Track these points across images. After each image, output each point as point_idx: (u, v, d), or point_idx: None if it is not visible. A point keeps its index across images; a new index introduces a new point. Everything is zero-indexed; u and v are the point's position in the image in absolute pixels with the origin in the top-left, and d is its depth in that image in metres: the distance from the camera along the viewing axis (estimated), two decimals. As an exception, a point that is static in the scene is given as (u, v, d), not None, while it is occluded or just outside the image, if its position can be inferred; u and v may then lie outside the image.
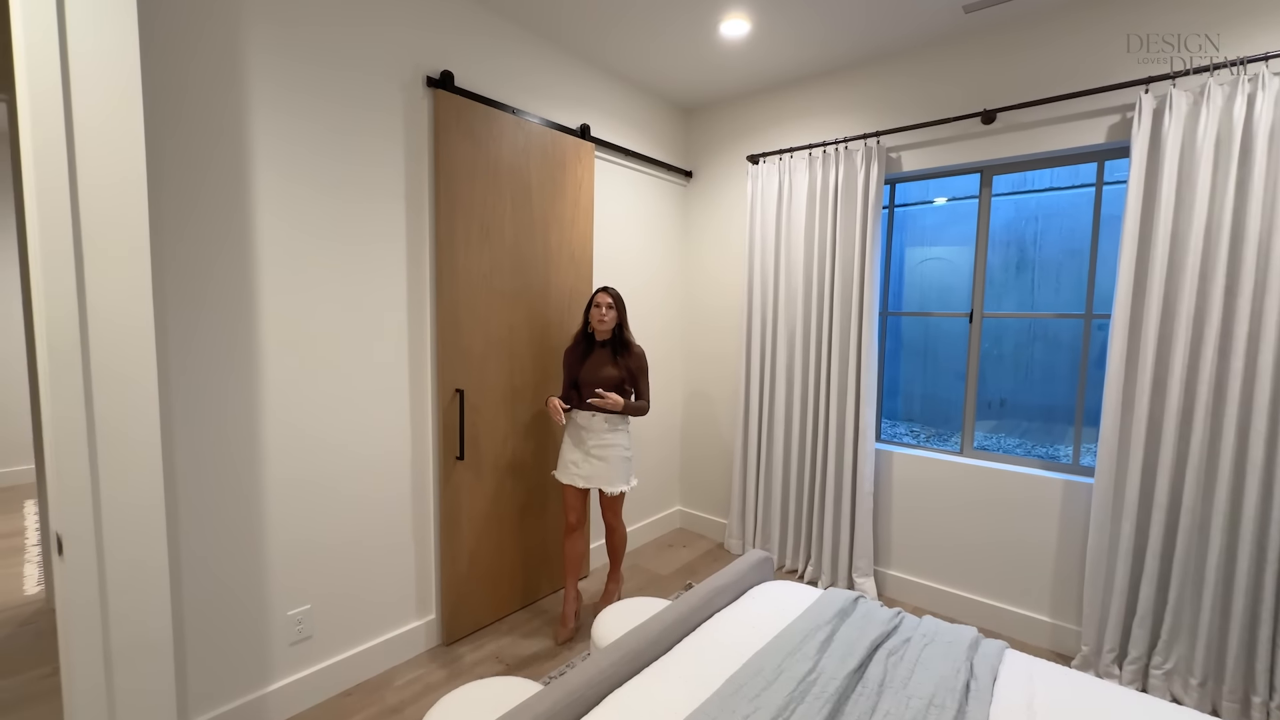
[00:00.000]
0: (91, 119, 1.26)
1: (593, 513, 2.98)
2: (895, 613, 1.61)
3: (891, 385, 3.90)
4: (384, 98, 2.05)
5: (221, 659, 1.80)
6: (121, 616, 1.38)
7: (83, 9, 1.23)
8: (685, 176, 3.48)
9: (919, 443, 3.58)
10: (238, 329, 1.76)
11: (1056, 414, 3.37)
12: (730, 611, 1.64)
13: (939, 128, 2.58)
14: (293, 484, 1.91)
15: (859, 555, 2.81)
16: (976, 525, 2.59)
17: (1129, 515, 2.14)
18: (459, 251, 2.27)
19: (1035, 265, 3.36)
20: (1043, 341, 3.44)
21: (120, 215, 1.30)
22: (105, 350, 1.31)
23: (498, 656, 2.30)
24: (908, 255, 3.66)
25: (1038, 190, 3.34)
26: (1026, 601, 2.47)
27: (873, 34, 2.52)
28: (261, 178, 1.78)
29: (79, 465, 1.31)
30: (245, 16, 1.72)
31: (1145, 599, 2.12)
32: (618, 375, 2.34)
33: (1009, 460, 2.60)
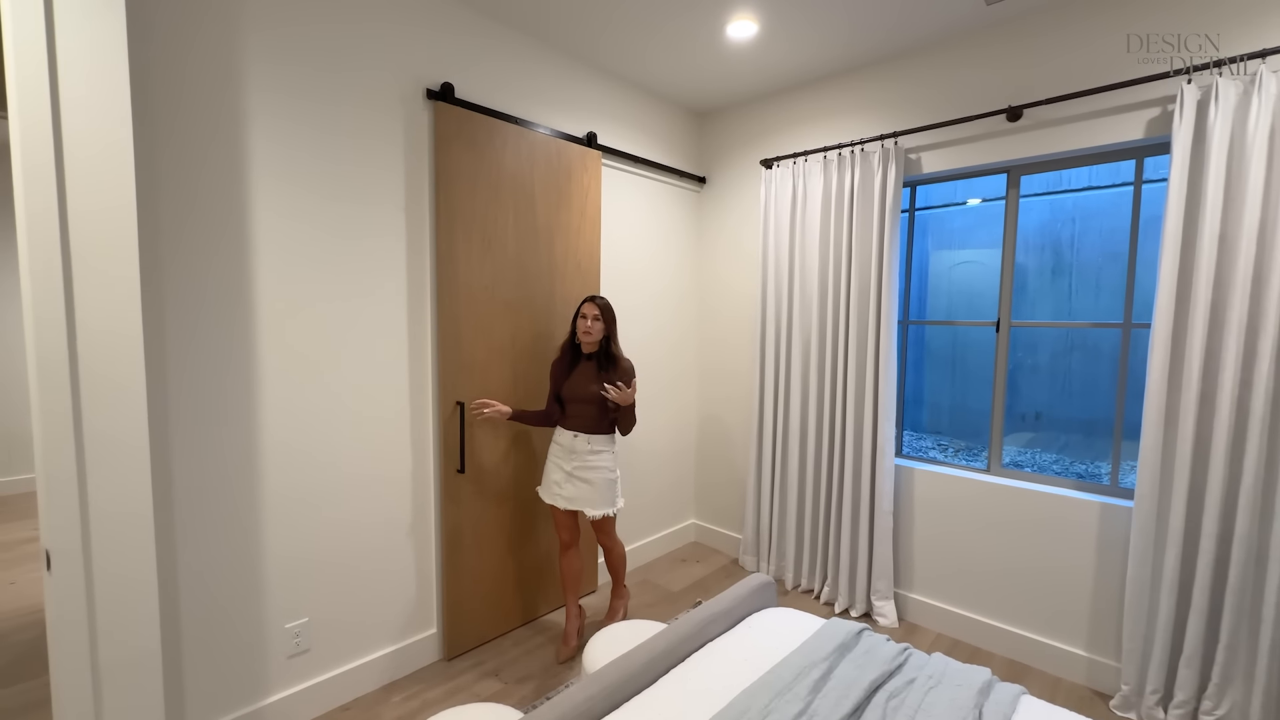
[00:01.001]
0: (81, 150, 1.27)
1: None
2: (902, 649, 1.50)
3: (918, 396, 3.72)
4: (384, 112, 2.06)
5: (219, 670, 1.81)
6: (109, 631, 1.39)
7: (74, 46, 1.25)
8: (699, 182, 3.40)
9: (947, 457, 3.40)
10: (235, 343, 1.78)
11: (1098, 428, 3.15)
12: (723, 642, 1.55)
13: (961, 126, 2.44)
14: (291, 496, 1.92)
15: (878, 577, 2.67)
16: (1005, 548, 2.42)
17: (1173, 543, 1.95)
18: (460, 263, 2.25)
19: (1073, 270, 3.15)
20: (1081, 351, 3.23)
21: (111, 239, 1.32)
22: (94, 365, 1.32)
23: (497, 674, 2.26)
24: (940, 259, 3.49)
25: (1074, 190, 3.14)
26: (1060, 633, 2.29)
27: (889, 31, 2.40)
28: (259, 196, 1.80)
29: (67, 480, 1.32)
30: (242, 32, 1.74)
31: (1193, 637, 1.93)
32: (601, 390, 2.24)
33: (1040, 480, 2.43)
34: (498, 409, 2.26)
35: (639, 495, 3.22)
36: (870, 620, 2.69)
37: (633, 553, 3.20)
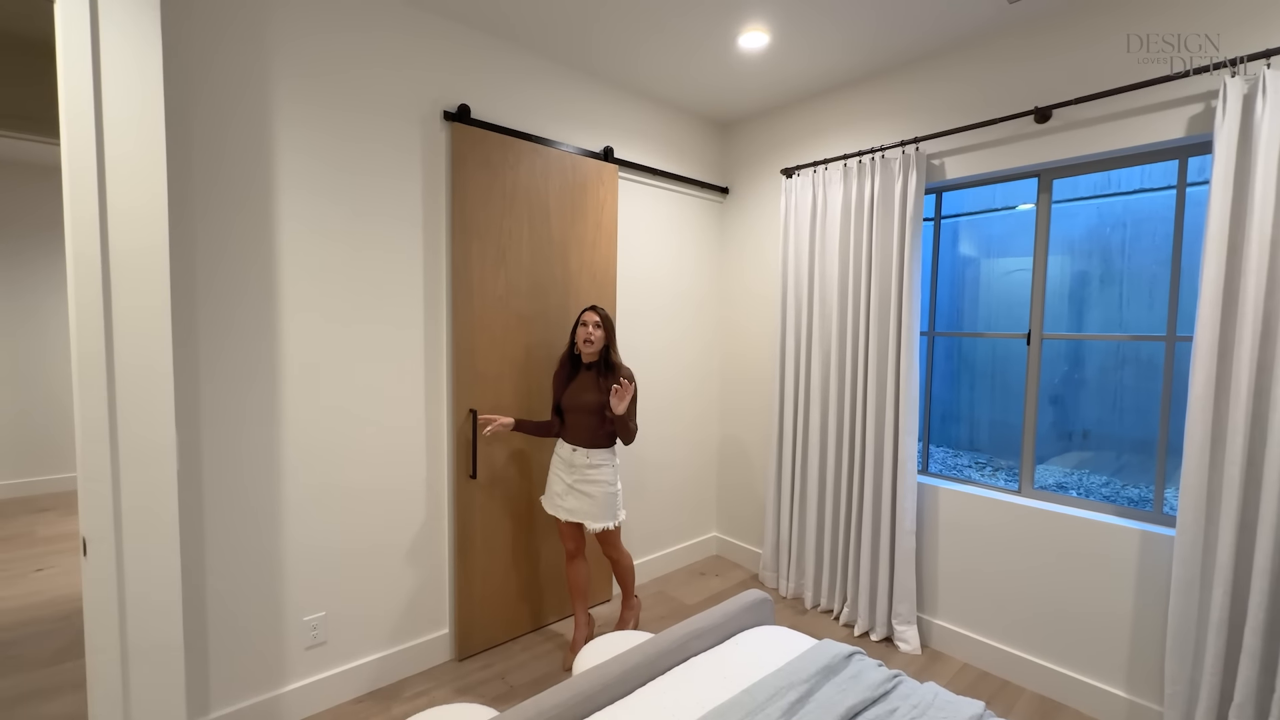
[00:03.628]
0: (121, 166, 1.42)
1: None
2: (892, 675, 1.43)
3: (954, 411, 3.55)
4: (403, 134, 2.18)
5: (241, 657, 1.94)
6: (137, 615, 1.52)
7: (118, 102, 1.41)
8: (721, 193, 3.40)
9: (985, 476, 3.22)
10: (261, 350, 1.92)
11: (1152, 448, 2.91)
12: (706, 657, 1.53)
13: (986, 130, 2.34)
14: (310, 496, 2.04)
15: (899, 600, 2.55)
16: (1037, 576, 2.26)
17: (1221, 579, 1.78)
18: (474, 275, 2.35)
19: (1123, 278, 2.93)
20: (1134, 365, 2.99)
21: (145, 258, 1.46)
22: (128, 366, 1.46)
23: (504, 677, 2.31)
24: (993, 267, 3.32)
25: (1124, 193, 2.93)
26: (1098, 671, 2.12)
27: (910, 35, 2.33)
28: (285, 211, 1.94)
29: (102, 473, 1.46)
30: (273, 68, 1.89)
31: (1245, 682, 1.74)
32: (601, 400, 2.23)
33: (1075, 504, 2.26)
34: (500, 423, 2.29)
35: (658, 505, 3.21)
36: (891, 645, 2.57)
37: (651, 563, 3.19)
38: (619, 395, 2.15)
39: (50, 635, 2.55)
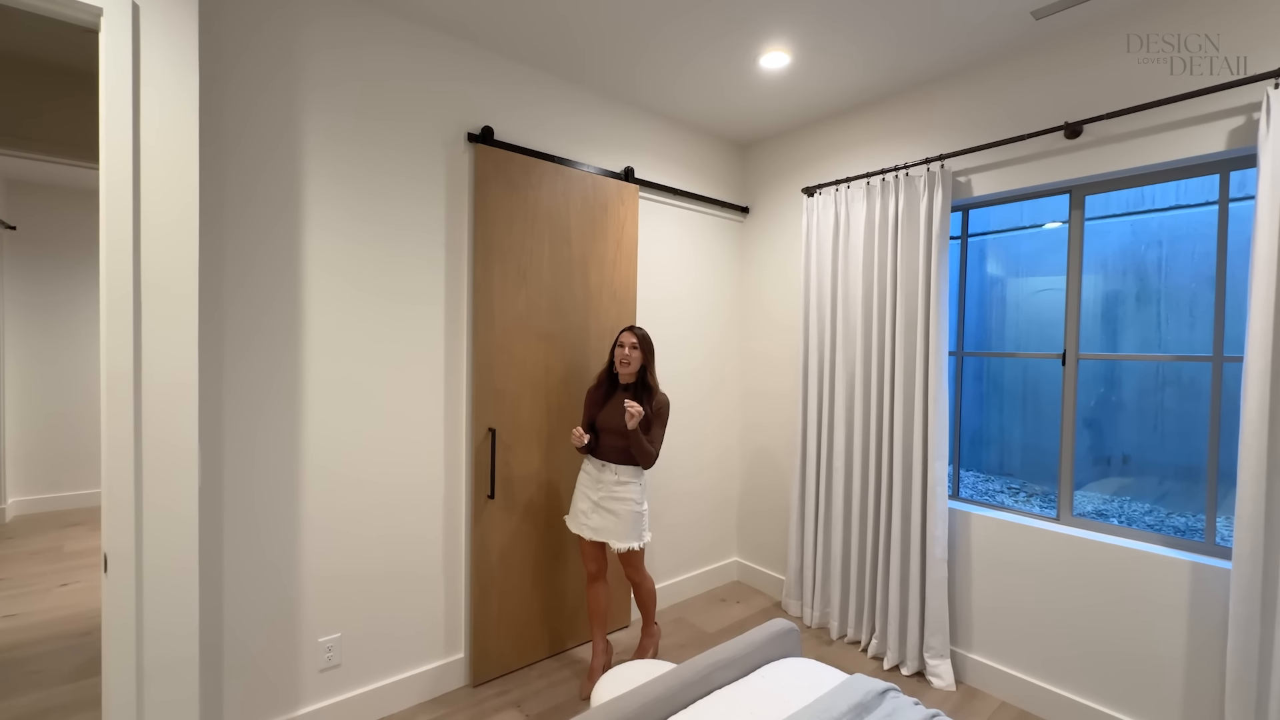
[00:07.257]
0: (156, 216, 1.46)
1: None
2: (930, 715, 1.35)
3: (985, 434, 3.43)
4: (428, 155, 2.22)
5: (255, 678, 1.91)
6: (154, 632, 1.51)
7: (154, 105, 1.46)
8: (742, 213, 3.39)
9: (1018, 502, 3.09)
10: (283, 369, 1.93)
11: (1199, 475, 2.76)
12: (731, 690, 1.46)
13: (1013, 146, 2.30)
14: (328, 516, 2.03)
15: (931, 633, 2.43)
16: (1079, 609, 2.14)
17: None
18: (495, 294, 2.35)
19: (1161, 297, 2.83)
20: (1175, 387, 2.85)
21: (175, 285, 1.49)
22: (155, 384, 1.48)
23: (519, 705, 2.24)
24: (1020, 286, 3.24)
25: (1159, 209, 2.84)
26: (1149, 713, 1.98)
27: (933, 53, 2.32)
28: (312, 229, 1.97)
29: (125, 489, 1.47)
30: (302, 98, 1.94)
31: (1317, 731, 1.61)
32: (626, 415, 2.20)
33: (1120, 533, 2.15)
34: (582, 436, 2.21)
35: (679, 529, 3.14)
36: (924, 681, 2.45)
37: (670, 589, 3.11)
38: (629, 413, 2.11)
39: (71, 651, 2.56)
